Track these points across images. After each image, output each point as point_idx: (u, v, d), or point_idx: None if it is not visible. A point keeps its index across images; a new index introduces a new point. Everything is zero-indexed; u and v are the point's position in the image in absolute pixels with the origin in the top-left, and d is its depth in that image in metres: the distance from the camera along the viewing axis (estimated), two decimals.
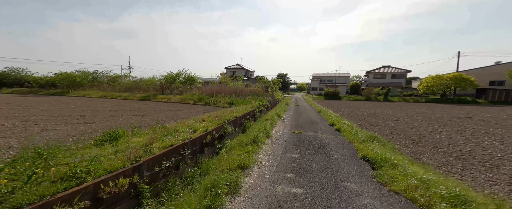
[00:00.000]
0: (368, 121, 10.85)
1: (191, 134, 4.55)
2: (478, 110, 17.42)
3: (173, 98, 19.29)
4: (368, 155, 4.16)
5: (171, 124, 5.32)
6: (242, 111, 9.41)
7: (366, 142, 5.09)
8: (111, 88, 24.12)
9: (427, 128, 8.68)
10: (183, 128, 5.00)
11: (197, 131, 4.88)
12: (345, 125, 7.79)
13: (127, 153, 2.68)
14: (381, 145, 4.86)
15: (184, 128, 5.02)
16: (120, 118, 8.55)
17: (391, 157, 3.84)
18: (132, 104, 15.29)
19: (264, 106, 13.85)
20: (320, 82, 47.75)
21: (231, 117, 7.32)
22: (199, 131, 4.90)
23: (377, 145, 4.86)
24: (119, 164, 2.38)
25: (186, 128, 4.98)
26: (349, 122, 8.76)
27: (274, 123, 8.80)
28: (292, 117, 11.38)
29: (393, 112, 15.70)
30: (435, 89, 28.91)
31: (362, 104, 23.90)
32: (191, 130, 4.88)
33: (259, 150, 5.05)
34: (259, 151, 4.97)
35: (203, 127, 5.24)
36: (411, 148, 5.58)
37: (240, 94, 19.10)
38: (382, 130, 8.18)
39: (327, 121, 9.64)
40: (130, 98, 19.58)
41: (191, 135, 4.25)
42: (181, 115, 10.33)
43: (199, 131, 4.90)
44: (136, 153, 2.70)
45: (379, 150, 4.27)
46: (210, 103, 17.16)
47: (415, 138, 6.84)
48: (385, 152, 4.18)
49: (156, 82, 22.97)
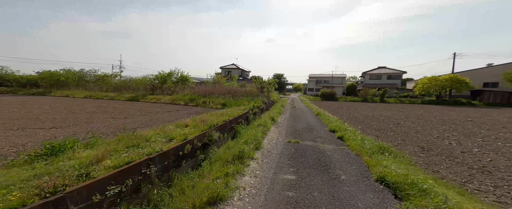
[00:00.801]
0: (368, 124, 10.22)
1: (165, 144, 3.72)
2: (476, 112, 17.16)
3: (164, 99, 18.29)
4: (386, 177, 3.24)
5: (145, 131, 4.46)
6: (234, 113, 8.60)
7: (376, 154, 4.32)
8: (98, 88, 22.86)
9: (432, 132, 8.08)
10: (158, 136, 4.15)
11: (174, 140, 4.04)
12: (347, 131, 6.90)
13: (46, 180, 1.84)
14: (394, 158, 4.12)
15: (159, 135, 4.18)
16: (96, 121, 7.60)
17: (415, 178, 2.99)
18: (117, 105, 14.23)
19: (258, 108, 13.06)
20: (316, 83, 47.38)
21: (220, 121, 6.50)
22: (176, 139, 4.06)
23: (390, 158, 4.10)
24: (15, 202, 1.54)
25: (161, 136, 4.13)
26: (352, 128, 7.95)
27: (267, 129, 7.85)
28: (288, 121, 10.44)
29: (391, 114, 15.21)
30: (430, 90, 28.84)
31: (359, 105, 23.46)
32: (166, 139, 4.04)
33: (245, 168, 4.03)
34: (244, 171, 3.93)
35: (183, 134, 4.41)
36: (423, 157, 4.90)
37: (234, 95, 18.27)
38: (385, 135, 7.52)
39: (327, 126, 8.73)
40: (117, 98, 18.45)
41: (161, 147, 3.41)
42: (168, 117, 9.44)
43: (176, 139, 4.06)
44: (61, 180, 1.86)
45: (395, 166, 3.51)
46: (202, 105, 16.27)
47: (423, 144, 6.19)
48: (404, 169, 3.41)
49: (146, 82, 21.85)
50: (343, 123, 9.04)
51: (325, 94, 34.39)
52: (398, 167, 3.46)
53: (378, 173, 3.43)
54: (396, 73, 39.84)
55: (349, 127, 7.84)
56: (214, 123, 6.05)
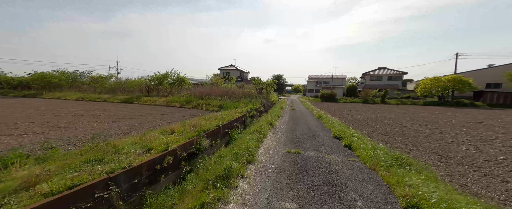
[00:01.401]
0: (373, 127, 9.60)
1: (138, 156, 3.08)
2: (482, 114, 16.59)
3: (159, 100, 17.63)
4: (419, 204, 2.43)
5: (119, 140, 3.82)
6: (229, 116, 7.97)
7: (394, 168, 3.64)
8: (92, 89, 22.17)
9: (444, 137, 7.46)
10: (134, 145, 3.51)
11: (152, 150, 3.40)
12: (355, 138, 6.07)
13: None
14: (417, 172, 3.44)
15: (136, 145, 3.54)
16: (77, 126, 6.94)
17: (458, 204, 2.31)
18: (108, 107, 13.56)
19: (256, 110, 12.43)
20: (316, 84, 46.84)
21: (212, 125, 5.86)
22: (155, 150, 3.42)
23: (412, 172, 3.43)
24: None
25: (138, 146, 3.49)
26: (358, 133, 7.13)
27: (264, 135, 7.00)
28: (287, 125, 9.60)
29: (395, 115, 14.60)
30: (432, 91, 28.31)
31: (360, 107, 22.86)
32: (143, 149, 3.40)
33: (230, 193, 3.12)
34: (229, 197, 3.02)
35: (165, 143, 3.76)
36: (443, 167, 4.27)
37: (231, 96, 17.64)
38: (393, 140, 6.90)
39: (331, 131, 7.98)
40: (110, 100, 17.77)
41: (131, 161, 2.76)
42: (159, 121, 8.79)
43: (155, 150, 3.42)
44: None
45: (422, 183, 2.85)
46: (198, 107, 15.61)
47: (439, 151, 5.56)
48: (434, 187, 2.75)
49: (141, 83, 21.21)
50: (347, 127, 8.33)
51: (325, 95, 33.81)
52: (428, 186, 2.78)
53: (406, 197, 2.64)
54: (397, 74, 39.37)
55: (356, 132, 7.06)
56: (206, 128, 5.41)
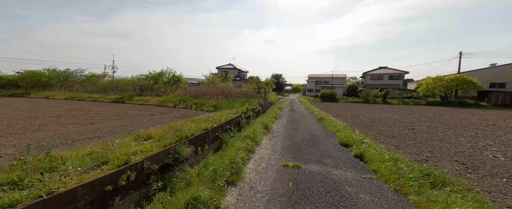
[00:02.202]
0: (379, 129, 8.84)
1: (81, 174, 2.28)
2: (490, 114, 15.86)
3: (151, 100, 16.83)
4: None
5: (71, 151, 3.03)
6: (222, 118, 7.18)
7: (426, 188, 2.81)
8: (84, 89, 21.35)
9: (460, 141, 6.70)
10: (84, 158, 2.71)
11: (107, 165, 2.61)
12: (365, 145, 5.03)
13: None
14: (459, 194, 2.63)
15: (88, 157, 2.74)
16: (48, 129, 6.14)
17: None
18: (96, 108, 12.75)
19: (253, 110, 11.64)
20: (316, 84, 46.07)
21: (200, 129, 5.07)
22: (111, 164, 2.63)
23: (453, 194, 2.62)
24: None
25: (89, 159, 2.69)
26: (368, 139, 6.07)
27: (257, 142, 5.87)
28: (286, 128, 8.53)
29: (400, 116, 13.85)
30: (435, 91, 27.58)
31: (362, 107, 22.11)
32: (95, 163, 2.61)
33: None
34: None
35: (128, 154, 2.97)
36: (474, 180, 3.51)
37: (228, 96, 16.86)
38: (404, 144, 6.13)
39: (335, 136, 6.98)
40: (100, 100, 16.95)
41: (61, 183, 1.96)
42: (146, 122, 8.01)
43: (111, 164, 2.63)
44: None
45: None
46: (192, 107, 14.82)
47: (461, 158, 4.80)
48: None
49: (134, 82, 20.40)
50: (353, 131, 7.41)
51: (325, 95, 33.06)
52: None
53: None
54: (398, 73, 38.66)
55: (365, 137, 6.11)
56: (191, 132, 4.62)
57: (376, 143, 5.92)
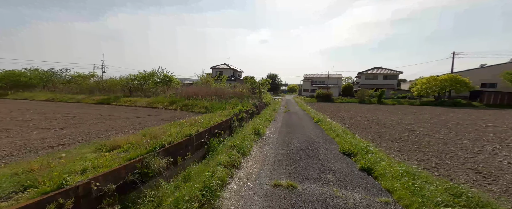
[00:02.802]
0: (378, 131, 8.40)
1: None
2: (485, 114, 15.83)
3: (140, 101, 15.94)
4: None
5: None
6: (211, 121, 6.53)
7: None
8: (68, 89, 20.17)
9: (465, 144, 6.30)
10: (9, 179, 2.02)
11: (29, 191, 1.92)
12: (371, 155, 4.30)
13: None
14: None
15: (13, 179, 2.05)
16: (9, 135, 5.33)
17: None
18: (76, 110, 11.82)
19: (247, 112, 11.02)
20: (311, 84, 45.89)
21: (182, 135, 4.40)
22: (40, 189, 1.95)
23: None
24: None
25: (11, 182, 2.01)
26: (373, 146, 5.32)
27: (245, 153, 5.02)
28: (280, 133, 7.67)
29: (397, 117, 13.54)
30: (429, 91, 27.74)
31: (358, 107, 21.86)
32: (14, 189, 1.92)
33: None
34: None
35: (67, 172, 2.29)
36: (500, 194, 3.00)
37: (221, 96, 16.17)
38: (408, 148, 5.66)
39: (335, 142, 6.29)
40: (84, 101, 15.93)
41: None
42: (128, 126, 7.26)
43: (40, 189, 1.95)
44: None
45: None
46: (183, 108, 14.06)
47: (474, 165, 4.34)
48: None
49: (122, 82, 19.40)
50: (354, 135, 6.82)
51: (321, 95, 32.81)
52: None
53: None
54: (392, 73, 38.90)
55: (369, 144, 5.47)
56: (169, 139, 3.96)
57: (381, 150, 5.38)
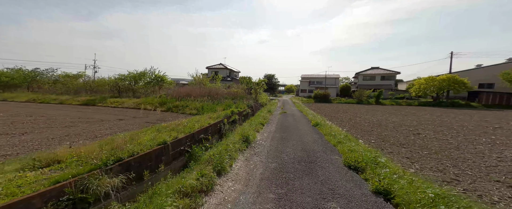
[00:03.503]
0: (381, 135, 7.75)
1: None
2: (487, 115, 15.41)
3: (128, 102, 15.05)
4: None
5: None
6: (196, 125, 5.76)
7: None
8: (53, 90, 19.14)
9: (480, 149, 5.68)
10: None
11: None
12: (385, 170, 3.43)
13: None
14: None
15: None
16: None
17: None
18: (54, 111, 10.91)
19: (241, 113, 10.27)
20: (309, 84, 45.37)
21: (153, 144, 3.63)
22: None
23: None
24: None
25: None
26: (384, 157, 4.35)
27: (224, 169, 3.89)
28: (272, 140, 6.67)
29: (398, 118, 12.98)
30: (427, 91, 27.42)
31: (356, 108, 21.31)
32: None
33: None
34: None
35: None
36: None
37: (214, 97, 15.40)
38: (418, 155, 4.99)
39: (337, 151, 5.33)
40: (67, 102, 14.96)
41: None
42: (105, 130, 6.45)
43: None
44: None
45: None
46: (173, 109, 13.27)
47: (502, 177, 3.68)
48: None
49: (111, 82, 18.48)
50: (357, 141, 6.07)
51: (318, 96, 32.26)
52: None
53: None
54: (390, 74, 38.65)
55: (379, 154, 4.48)
56: (134, 150, 3.19)
57: (390, 158, 4.67)
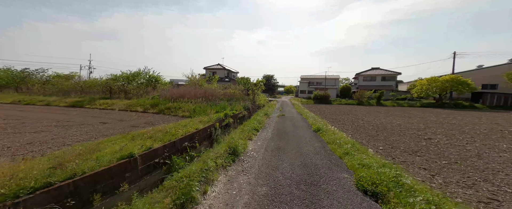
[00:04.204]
0: (388, 140, 7.04)
1: None
2: (494, 118, 14.73)
3: (118, 104, 14.29)
4: None
5: None
6: (180, 130, 5.03)
7: None
8: (42, 91, 18.38)
9: (505, 157, 4.96)
10: None
11: None
12: (420, 200, 2.54)
13: None
14: None
15: None
16: None
17: None
18: (33, 114, 10.16)
19: (236, 116, 9.52)
20: (308, 85, 44.72)
21: (108, 160, 2.88)
22: None
23: None
24: None
25: None
26: (409, 177, 3.42)
27: (193, 200, 2.80)
28: (266, 150, 5.46)
29: (403, 121, 12.28)
30: (429, 92, 26.75)
31: (357, 110, 20.61)
32: None
33: None
34: None
35: None
36: None
37: (209, 98, 14.68)
38: (436, 165, 4.27)
39: (344, 165, 4.26)
40: (55, 104, 14.20)
41: None
42: (80, 136, 5.72)
43: None
44: None
45: None
46: (165, 111, 12.54)
47: None
48: None
49: (102, 83, 17.73)
50: (367, 151, 5.21)
51: (318, 97, 31.58)
52: None
53: None
54: (391, 74, 38.04)
55: (400, 170, 3.64)
56: (83, 168, 2.45)
57: (410, 174, 3.90)
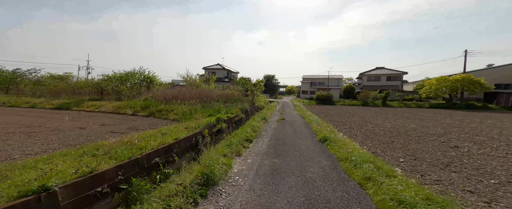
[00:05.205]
0: (407, 149, 5.93)
1: None
2: None
3: (107, 106, 13.37)
4: None
5: None
6: (158, 140, 4.00)
7: None
8: (33, 92, 17.61)
9: None
10: None
11: None
12: None
13: None
14: None
15: None
16: None
17: None
18: (9, 117, 9.25)
19: (231, 120, 8.48)
20: (311, 85, 43.52)
21: (13, 195, 1.86)
22: None
23: None
24: None
25: None
26: None
27: None
28: (256, 174, 3.87)
29: (416, 124, 11.11)
30: (438, 92, 25.40)
31: (363, 111, 19.41)
32: None
33: None
34: None
35: None
36: None
37: (205, 100, 13.67)
38: (488, 190, 3.18)
39: (370, 201, 2.85)
40: (41, 106, 13.35)
41: None
42: (41, 146, 4.73)
43: None
44: None
45: None
46: (156, 114, 11.55)
47: None
48: None
49: (93, 84, 16.88)
50: (393, 171, 3.84)
51: (320, 97, 30.43)
52: None
53: None
54: (396, 74, 36.66)
55: None
56: None
57: (444, 191, 2.80)
